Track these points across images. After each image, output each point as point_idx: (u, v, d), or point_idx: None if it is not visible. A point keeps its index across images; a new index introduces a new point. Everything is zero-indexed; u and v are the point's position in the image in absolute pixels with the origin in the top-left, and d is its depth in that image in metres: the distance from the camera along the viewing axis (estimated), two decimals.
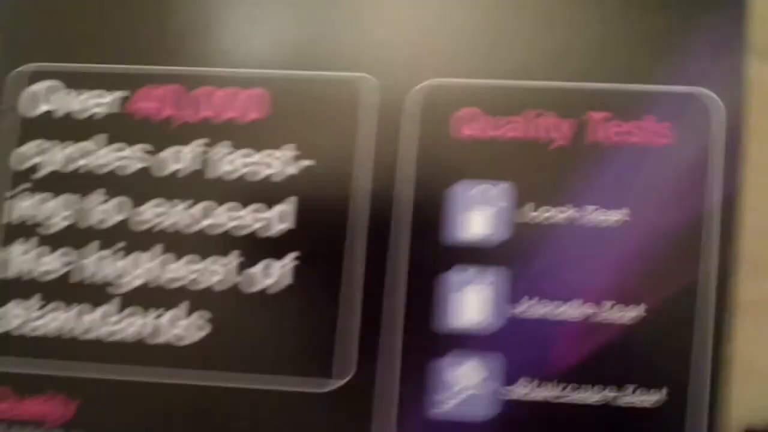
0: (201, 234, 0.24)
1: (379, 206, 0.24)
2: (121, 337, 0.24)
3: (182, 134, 0.24)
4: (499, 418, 0.23)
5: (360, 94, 0.24)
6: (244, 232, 0.24)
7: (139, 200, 0.24)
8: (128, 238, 0.24)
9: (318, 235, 0.24)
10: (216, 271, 0.24)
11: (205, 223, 0.24)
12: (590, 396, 0.23)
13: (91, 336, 0.24)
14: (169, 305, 0.24)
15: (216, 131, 0.24)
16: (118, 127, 0.25)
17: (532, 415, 0.23)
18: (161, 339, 0.24)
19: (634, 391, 0.23)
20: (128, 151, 0.24)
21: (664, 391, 0.23)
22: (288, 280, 0.24)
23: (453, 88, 0.24)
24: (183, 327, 0.24)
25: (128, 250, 0.24)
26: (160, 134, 0.24)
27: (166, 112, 0.25)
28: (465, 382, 0.23)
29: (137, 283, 0.24)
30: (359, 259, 0.23)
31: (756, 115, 0.24)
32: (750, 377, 0.24)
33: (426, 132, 0.24)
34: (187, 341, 0.24)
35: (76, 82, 0.25)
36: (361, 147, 0.24)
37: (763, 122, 0.24)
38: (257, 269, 0.24)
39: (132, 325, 0.24)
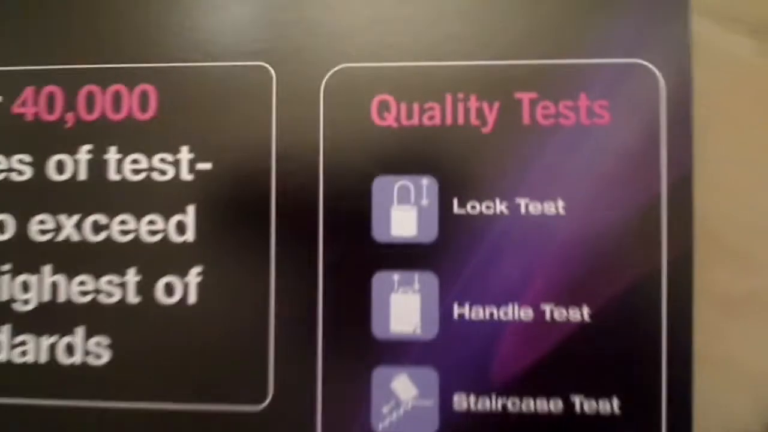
0: (93, 251, 0.21)
1: (292, 209, 0.21)
2: (20, 361, 0.21)
3: (66, 141, 0.22)
4: None
5: (263, 85, 0.21)
6: (140, 246, 0.21)
7: (23, 217, 0.22)
8: (15, 259, 0.22)
9: (222, 246, 0.21)
10: (112, 292, 0.21)
11: (96, 239, 0.21)
12: (537, 407, 0.20)
13: None
14: (63, 331, 0.21)
15: (102, 136, 0.22)
16: None
17: (475, 430, 0.21)
18: (60, 366, 0.21)
19: (583, 401, 0.20)
20: (6, 163, 0.22)
21: (616, 400, 0.20)
22: (193, 297, 0.21)
23: (365, 73, 0.21)
24: (81, 354, 0.21)
25: (16, 272, 0.22)
26: (41, 143, 0.22)
27: (46, 117, 0.22)
28: (400, 397, 0.21)
29: (28, 307, 0.22)
30: (271, 269, 0.21)
31: (704, 83, 0.21)
32: (729, 379, 0.22)
33: (339, 123, 0.21)
34: (86, 369, 0.21)
35: None
36: (267, 145, 0.21)
37: (713, 93, 0.22)
38: (158, 287, 0.21)
39: (26, 353, 0.21)
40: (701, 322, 0.21)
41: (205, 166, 0.21)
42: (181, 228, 0.21)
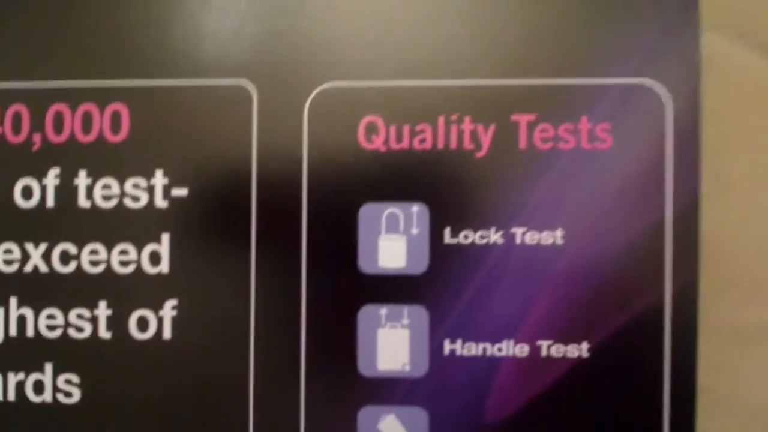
0: (61, 283, 0.20)
1: (273, 239, 0.20)
2: None
3: (33, 164, 0.20)
4: None
5: (243, 104, 0.20)
6: (112, 278, 0.20)
7: None
8: None
9: (199, 278, 0.20)
10: (81, 327, 0.20)
11: (65, 270, 0.20)
12: None
13: None
14: (30, 368, 0.20)
15: (71, 159, 0.20)
16: None
17: None
18: (29, 404, 0.20)
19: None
20: None
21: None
22: (167, 332, 0.20)
23: (352, 92, 0.20)
24: (49, 393, 0.20)
25: None
26: (7, 166, 0.20)
27: (11, 139, 0.20)
28: None
29: None
30: (251, 302, 0.20)
31: (715, 103, 0.20)
32: (736, 415, 0.21)
33: (324, 146, 0.20)
34: (57, 408, 0.20)
35: None
36: (247, 169, 0.20)
37: (725, 113, 0.20)
38: (131, 322, 0.20)
39: None
40: (707, 355, 0.20)
41: (180, 191, 0.20)
42: (155, 258, 0.20)
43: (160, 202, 0.20)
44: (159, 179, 0.20)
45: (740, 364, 0.21)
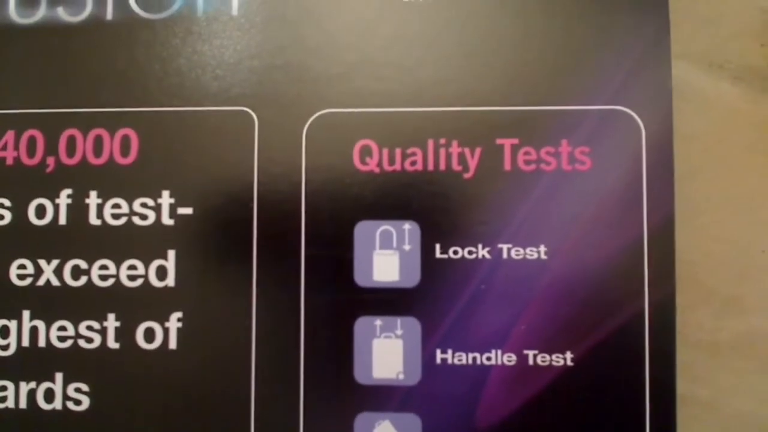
0: (72, 296, 0.21)
1: (273, 255, 0.21)
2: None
3: (46, 185, 0.22)
4: None
5: (245, 129, 0.21)
6: (120, 291, 0.21)
7: (2, 261, 0.21)
8: None
9: (203, 292, 0.21)
10: (91, 338, 0.21)
11: (76, 284, 0.21)
12: None
13: None
14: (41, 377, 0.21)
15: (83, 180, 0.21)
16: None
17: None
18: (40, 412, 0.21)
19: None
20: None
21: None
22: (173, 343, 0.21)
23: (347, 118, 0.21)
24: (59, 401, 0.21)
25: None
26: (21, 187, 0.22)
27: (26, 161, 0.22)
28: None
29: (8, 353, 0.21)
30: (252, 313, 0.21)
31: (688, 128, 0.22)
32: (714, 423, 0.22)
33: (321, 168, 0.21)
34: (67, 415, 0.21)
35: None
36: (249, 189, 0.21)
37: (697, 138, 0.22)
38: (138, 333, 0.21)
39: (5, 399, 0.21)
40: (685, 365, 0.21)
41: (185, 210, 0.21)
42: (161, 273, 0.21)
43: (167, 221, 0.21)
44: (166, 199, 0.21)
45: (717, 374, 0.22)
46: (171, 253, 0.21)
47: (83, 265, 0.21)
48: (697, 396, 0.22)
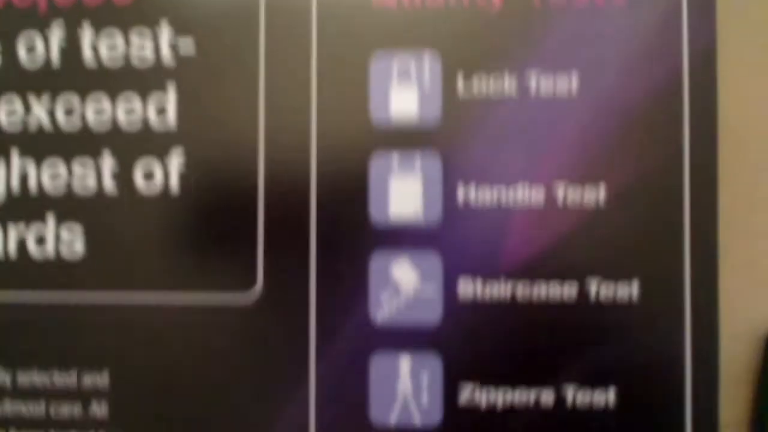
0: (62, 133, 0.20)
1: (284, 76, 0.19)
2: None
3: (37, 21, 0.20)
4: (444, 323, 0.19)
5: None
6: (113, 128, 0.20)
7: None
8: None
9: (206, 129, 0.19)
10: (85, 176, 0.20)
11: (67, 119, 0.20)
12: (549, 293, 0.19)
13: None
14: (30, 218, 0.20)
15: (74, 15, 0.20)
16: None
17: (483, 317, 0.19)
18: (30, 257, 0.19)
19: (600, 285, 0.19)
20: None
21: (636, 283, 0.19)
22: (174, 185, 0.19)
23: None
24: (51, 242, 0.19)
25: None
26: (11, 22, 0.20)
27: (18, 3, 0.20)
28: (400, 283, 0.19)
29: None
30: (260, 147, 0.19)
31: None
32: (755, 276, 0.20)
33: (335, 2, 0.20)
34: (60, 259, 0.19)
35: None
36: (255, 17, 0.20)
37: None
38: (136, 172, 0.19)
39: None
40: (726, 218, 0.19)
41: (185, 40, 0.20)
42: (159, 108, 0.20)
43: (165, 52, 0.20)
44: (165, 31, 0.20)
45: (756, 226, 0.20)
46: (171, 86, 0.20)
47: (74, 100, 0.20)
48: (737, 253, 0.20)
